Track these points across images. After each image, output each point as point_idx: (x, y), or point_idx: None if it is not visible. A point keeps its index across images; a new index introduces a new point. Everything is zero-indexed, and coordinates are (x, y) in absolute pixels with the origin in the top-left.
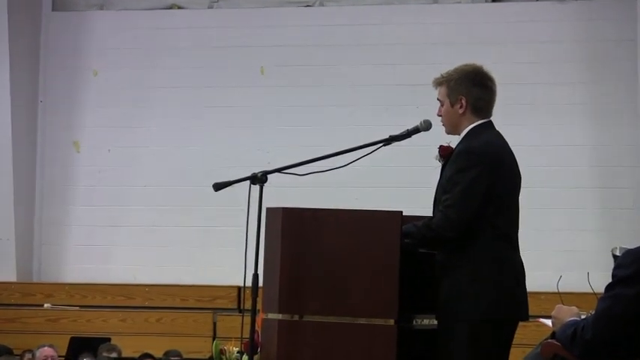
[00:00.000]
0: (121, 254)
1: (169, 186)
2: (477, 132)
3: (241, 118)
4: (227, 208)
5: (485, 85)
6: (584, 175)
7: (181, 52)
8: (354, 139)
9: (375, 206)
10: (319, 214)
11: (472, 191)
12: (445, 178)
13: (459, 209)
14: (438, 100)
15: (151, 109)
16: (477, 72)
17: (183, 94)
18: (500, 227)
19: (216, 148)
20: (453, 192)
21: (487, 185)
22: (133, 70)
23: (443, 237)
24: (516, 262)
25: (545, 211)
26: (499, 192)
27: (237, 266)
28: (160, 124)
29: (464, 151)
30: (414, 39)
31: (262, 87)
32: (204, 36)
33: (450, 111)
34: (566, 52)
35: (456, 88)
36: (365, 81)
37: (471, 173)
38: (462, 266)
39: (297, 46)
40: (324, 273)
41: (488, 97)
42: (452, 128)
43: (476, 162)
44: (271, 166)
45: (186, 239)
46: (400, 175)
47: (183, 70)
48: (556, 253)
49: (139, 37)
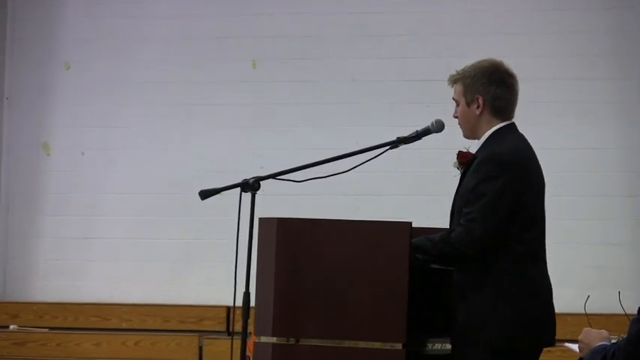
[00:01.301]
0: (95, 270)
1: (150, 193)
2: (500, 136)
3: (231, 117)
4: (215, 218)
5: (505, 83)
6: (615, 182)
7: (164, 44)
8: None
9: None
10: (318, 226)
11: (498, 204)
12: (466, 188)
13: (483, 224)
14: (454, 99)
15: (130, 107)
16: (495, 68)
17: (166, 91)
18: (527, 243)
19: (203, 151)
20: (476, 204)
21: (514, 197)
22: (111, 64)
23: (464, 254)
24: (545, 282)
25: (570, 222)
26: (527, 204)
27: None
28: (140, 123)
29: (488, 159)
30: (424, 29)
31: (254, 82)
32: (189, 26)
33: (467, 112)
34: (593, 44)
35: (471, 85)
36: (369, 76)
37: (496, 184)
38: (484, 287)
39: (293, 37)
40: (324, 291)
41: (509, 97)
42: (470, 132)
43: (501, 171)
44: (264, 172)
45: (169, 253)
46: (408, 182)
47: (166, 64)
48: (583, 269)
49: (118, 26)
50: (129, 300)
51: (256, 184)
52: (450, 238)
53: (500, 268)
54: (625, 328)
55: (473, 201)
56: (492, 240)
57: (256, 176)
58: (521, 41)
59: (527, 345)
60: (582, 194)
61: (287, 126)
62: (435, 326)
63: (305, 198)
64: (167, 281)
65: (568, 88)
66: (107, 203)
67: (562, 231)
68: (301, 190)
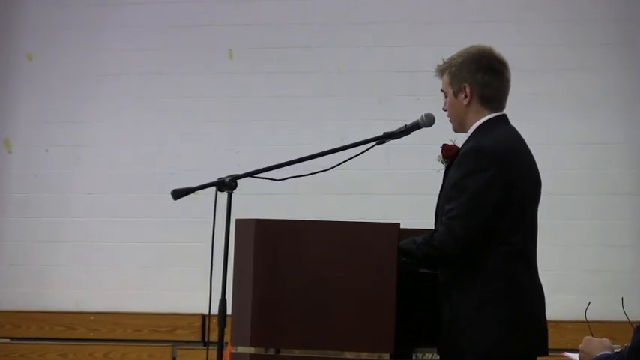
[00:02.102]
0: (61, 276)
1: (120, 193)
2: (488, 128)
3: (206, 111)
4: (189, 219)
5: (494, 69)
6: (618, 180)
7: (134, 33)
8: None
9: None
10: (300, 227)
11: (482, 200)
12: (449, 183)
13: (465, 222)
14: (442, 91)
15: (98, 101)
16: (483, 54)
17: (136, 83)
18: (515, 244)
19: (176, 147)
20: (458, 201)
21: (500, 193)
22: (76, 54)
23: (446, 255)
24: (534, 285)
25: (569, 223)
26: (514, 201)
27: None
28: (109, 118)
29: (471, 151)
30: (414, 16)
31: (231, 74)
32: (161, 13)
33: (454, 102)
34: (597, 32)
35: (457, 74)
36: (355, 66)
37: (480, 178)
38: (469, 291)
39: (273, 24)
40: (306, 298)
41: (499, 84)
42: (459, 124)
43: (486, 164)
44: (242, 169)
45: (140, 257)
46: (397, 181)
47: (136, 54)
48: (583, 273)
49: (84, 14)
50: (97, 308)
51: (233, 183)
52: (433, 239)
53: (485, 269)
54: (628, 336)
55: (455, 197)
56: (476, 239)
57: (233, 174)
58: (518, 29)
59: (515, 353)
60: (582, 193)
61: (266, 120)
62: (424, 334)
63: (286, 198)
64: (138, 287)
65: (567, 80)
66: (74, 204)
67: (561, 233)
68: (281, 190)
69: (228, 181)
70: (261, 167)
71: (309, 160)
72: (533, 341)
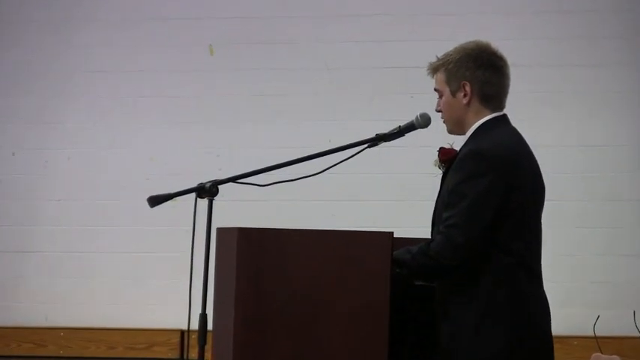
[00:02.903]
0: (30, 288)
1: (92, 200)
2: (488, 129)
3: (185, 111)
4: (167, 228)
5: (494, 65)
6: (627, 184)
7: (106, 27)
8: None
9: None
10: (286, 237)
11: (482, 206)
12: (447, 189)
13: (464, 230)
14: (436, 90)
15: (67, 100)
16: (482, 49)
17: (109, 81)
18: (517, 253)
19: (152, 150)
20: (456, 208)
21: (501, 198)
22: (44, 49)
23: (444, 265)
24: (539, 297)
25: (575, 231)
26: (517, 207)
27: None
28: (80, 119)
29: (471, 155)
30: (408, 8)
31: (211, 71)
32: (135, 5)
33: (452, 102)
34: (604, 25)
35: (456, 71)
36: (344, 62)
37: (479, 183)
38: (468, 304)
39: (256, 17)
40: (293, 313)
41: (500, 81)
42: (455, 125)
43: (486, 168)
44: (223, 174)
45: (114, 269)
46: (390, 186)
47: (109, 49)
48: (591, 285)
49: (51, 6)
50: (68, 323)
51: (214, 189)
52: (429, 248)
53: (487, 280)
54: None
55: (453, 204)
56: (476, 248)
57: (214, 180)
58: (517, 22)
59: None
60: (588, 199)
61: (249, 121)
62: (421, 350)
63: (270, 204)
64: (112, 301)
65: (572, 76)
66: (42, 211)
67: (566, 241)
68: (266, 196)
69: (209, 187)
70: (244, 172)
71: (295, 163)
72: (538, 357)
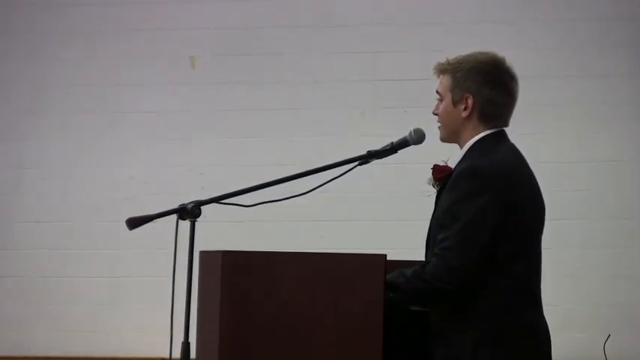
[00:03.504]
0: (2, 315)
1: (69, 221)
2: (484, 146)
3: (166, 126)
4: (147, 251)
5: (503, 85)
6: (631, 202)
7: (82, 39)
8: (320, 155)
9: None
10: (273, 260)
11: (478, 227)
12: (441, 209)
13: (460, 252)
14: (438, 93)
15: (41, 116)
16: (494, 65)
17: (85, 96)
18: (516, 276)
19: (132, 168)
20: (452, 229)
21: (499, 219)
22: (19, 62)
23: (439, 290)
24: (540, 322)
25: (577, 251)
26: (515, 228)
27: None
28: (56, 135)
29: (466, 172)
30: (402, 17)
31: (193, 85)
32: (113, 16)
33: (451, 111)
34: (607, 33)
35: (463, 81)
36: (333, 75)
37: (476, 203)
38: (466, 330)
39: (239, 28)
40: (281, 341)
41: (505, 102)
42: (449, 134)
43: (483, 187)
44: (206, 194)
45: (91, 294)
46: (383, 206)
47: (86, 63)
48: (594, 308)
49: (24, 17)
50: (44, 351)
51: (196, 210)
52: (424, 271)
53: (485, 305)
54: None
55: (448, 224)
56: (473, 272)
57: (196, 200)
58: (517, 30)
59: None
60: (591, 217)
61: (234, 138)
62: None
63: (256, 226)
64: (90, 328)
65: (575, 87)
66: (16, 234)
67: (568, 262)
68: (252, 216)
69: (191, 208)
70: (229, 191)
71: (282, 182)
72: None
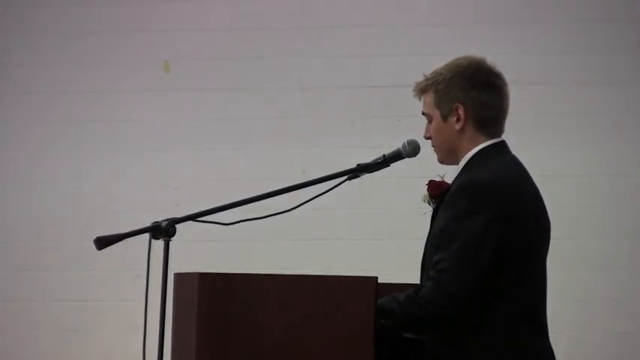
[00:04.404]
0: None
1: (31, 241)
2: (484, 158)
3: (137, 137)
4: (117, 274)
5: (492, 85)
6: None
7: (43, 41)
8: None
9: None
10: (254, 283)
11: (477, 248)
12: (437, 228)
13: (458, 275)
14: (424, 114)
15: (4, 124)
16: (477, 67)
17: (46, 103)
18: (519, 301)
19: (100, 183)
20: (448, 249)
21: (499, 239)
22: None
23: (435, 316)
24: (544, 351)
25: (583, 272)
26: (518, 248)
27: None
28: (18, 146)
29: (464, 188)
30: (393, 18)
31: (167, 91)
32: (77, 16)
33: (443, 128)
34: (616, 35)
35: (447, 92)
36: (320, 81)
37: (474, 221)
38: (463, 359)
39: (217, 30)
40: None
41: (498, 103)
42: (447, 155)
43: (482, 203)
44: (181, 211)
45: (56, 320)
46: (373, 224)
47: (46, 68)
48: (602, 335)
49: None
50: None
51: (171, 229)
52: (419, 296)
53: (485, 332)
54: None
55: (444, 245)
56: (472, 296)
57: (171, 218)
58: (522, 33)
59: None
60: (599, 236)
61: (211, 149)
62: None
63: (236, 246)
64: (54, 356)
65: (580, 95)
66: None
67: (573, 285)
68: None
69: (165, 226)
70: (206, 208)
71: (265, 198)
72: None
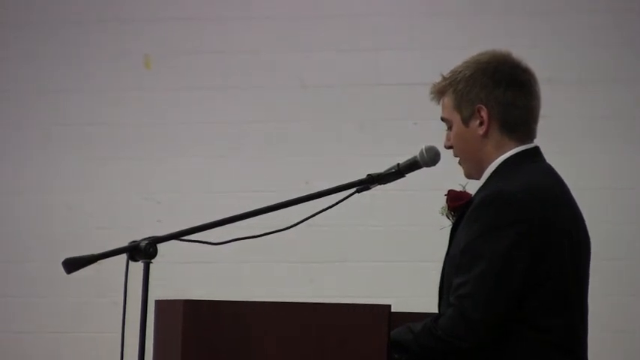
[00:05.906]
0: None
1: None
2: (513, 167)
3: (115, 143)
4: (90, 299)
5: (518, 82)
6: None
7: (15, 34)
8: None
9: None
10: (248, 311)
11: (504, 271)
12: (458, 246)
13: (481, 302)
14: (443, 120)
15: None
16: (500, 61)
17: (12, 105)
18: (552, 330)
19: (71, 195)
20: (471, 272)
21: (530, 259)
22: None
23: (456, 349)
24: None
25: (629, 298)
26: (552, 270)
27: None
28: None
29: (490, 200)
30: (405, 8)
31: (148, 90)
32: (54, 9)
33: (464, 134)
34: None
35: (468, 92)
36: (325, 79)
37: (501, 239)
38: None
39: (205, 20)
40: None
41: (526, 102)
42: (474, 165)
43: (511, 219)
44: (164, 228)
45: (26, 351)
46: (385, 243)
47: (18, 65)
48: None
49: None
50: None
51: (151, 249)
52: (436, 326)
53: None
54: None
55: (466, 266)
56: (498, 327)
57: (151, 236)
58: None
59: None
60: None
61: (199, 156)
62: None
63: (227, 268)
64: None
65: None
66: None
67: (616, 312)
68: (221, 257)
69: (145, 246)
70: (192, 225)
71: (260, 214)
72: None
